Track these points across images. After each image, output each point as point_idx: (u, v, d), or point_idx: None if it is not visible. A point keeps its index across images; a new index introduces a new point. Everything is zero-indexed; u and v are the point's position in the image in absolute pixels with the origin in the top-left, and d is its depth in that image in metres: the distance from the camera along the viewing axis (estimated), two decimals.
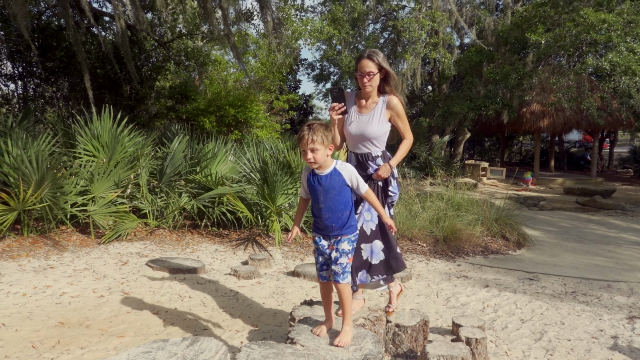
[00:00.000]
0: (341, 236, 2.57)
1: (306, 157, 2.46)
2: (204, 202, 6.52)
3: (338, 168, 2.56)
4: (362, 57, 3.08)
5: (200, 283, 4.69)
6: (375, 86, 3.12)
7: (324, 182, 2.53)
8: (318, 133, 2.42)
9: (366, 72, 3.03)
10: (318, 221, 2.63)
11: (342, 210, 2.55)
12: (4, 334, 3.27)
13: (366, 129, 3.11)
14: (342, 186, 2.55)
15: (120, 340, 3.30)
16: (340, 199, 2.54)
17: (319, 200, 2.56)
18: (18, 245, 5.39)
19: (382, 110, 3.14)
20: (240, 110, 10.40)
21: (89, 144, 6.57)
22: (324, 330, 2.64)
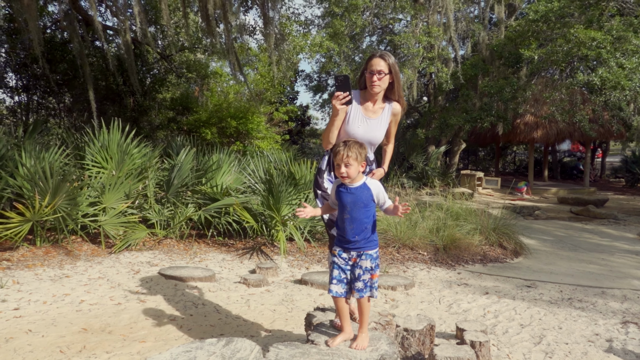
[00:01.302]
0: (363, 251, 2.64)
1: (339, 170, 2.57)
2: (210, 213, 6.70)
3: (367, 183, 2.68)
4: (374, 56, 2.95)
5: (212, 291, 4.86)
6: (384, 88, 2.98)
7: (354, 193, 2.64)
8: (353, 150, 2.54)
9: (377, 71, 2.89)
10: (341, 233, 2.70)
11: (367, 223, 2.65)
12: (32, 340, 3.43)
13: (376, 135, 3.04)
14: (369, 200, 2.66)
15: (142, 345, 3.46)
16: (365, 211, 2.64)
17: (345, 210, 2.65)
18: (32, 255, 5.54)
19: (387, 117, 3.07)
20: (241, 122, 10.61)
21: (98, 155, 6.74)
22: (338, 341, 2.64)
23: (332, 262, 2.72)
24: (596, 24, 8.88)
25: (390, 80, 2.97)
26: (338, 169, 2.58)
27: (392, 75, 2.96)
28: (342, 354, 2.32)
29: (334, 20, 12.44)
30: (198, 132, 11.27)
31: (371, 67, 2.90)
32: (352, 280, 2.65)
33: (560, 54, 9.03)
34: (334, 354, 2.30)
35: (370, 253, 2.65)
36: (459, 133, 15.41)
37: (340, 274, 2.67)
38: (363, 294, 2.62)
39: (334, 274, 2.67)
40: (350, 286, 2.68)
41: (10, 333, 3.52)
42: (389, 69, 2.92)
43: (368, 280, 2.63)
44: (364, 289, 2.61)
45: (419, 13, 13.07)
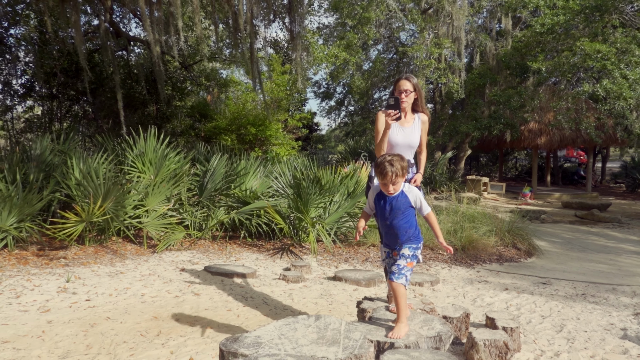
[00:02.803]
0: (403, 244, 2.92)
1: (388, 189, 2.79)
2: (242, 215, 7.13)
3: (405, 191, 2.88)
4: (401, 79, 3.70)
5: (255, 286, 5.28)
6: (411, 102, 3.72)
7: (392, 202, 2.84)
8: (397, 166, 2.74)
9: (404, 90, 3.64)
10: (384, 237, 3.01)
11: (407, 229, 2.86)
12: (113, 325, 3.85)
13: (412, 139, 3.70)
14: (407, 207, 2.85)
15: (209, 331, 3.88)
16: (405, 218, 2.84)
17: (386, 218, 2.86)
18: (83, 254, 5.96)
19: (419, 125, 3.77)
20: (260, 129, 11.06)
21: (137, 161, 7.18)
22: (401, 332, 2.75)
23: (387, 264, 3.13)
24: (601, 36, 9.37)
25: (415, 96, 3.72)
26: (386, 188, 2.83)
27: (417, 92, 3.72)
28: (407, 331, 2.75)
29: (347, 33, 12.96)
30: (217, 138, 11.71)
31: (400, 88, 3.66)
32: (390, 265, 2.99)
33: (566, 65, 9.52)
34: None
35: (411, 245, 2.91)
36: (466, 140, 15.88)
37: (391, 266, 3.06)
38: (395, 278, 2.79)
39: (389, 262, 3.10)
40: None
41: (92, 320, 3.94)
42: (414, 87, 3.68)
43: (403, 267, 2.82)
44: (397, 273, 2.80)
45: (428, 24, 13.60)
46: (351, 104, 21.69)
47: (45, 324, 3.78)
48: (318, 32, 13.97)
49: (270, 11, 8.80)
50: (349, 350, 2.23)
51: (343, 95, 21.42)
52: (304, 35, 8.81)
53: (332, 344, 2.30)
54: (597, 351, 3.89)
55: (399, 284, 2.80)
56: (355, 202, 7.45)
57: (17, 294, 4.44)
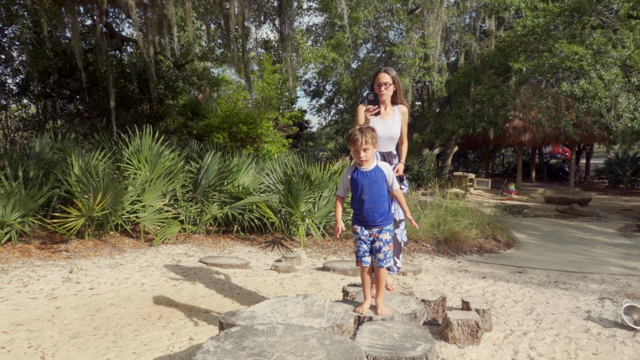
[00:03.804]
0: (382, 227, 3.02)
1: (359, 155, 2.95)
2: (235, 210, 7.44)
3: (379, 165, 3.07)
4: (380, 71, 3.81)
5: (249, 276, 5.60)
6: (390, 95, 3.82)
7: (369, 176, 2.99)
8: (368, 135, 2.93)
9: (383, 83, 3.74)
10: (359, 213, 3.05)
11: (383, 201, 3.01)
12: (117, 310, 4.16)
13: (392, 131, 3.81)
14: (383, 181, 3.02)
15: (207, 315, 4.20)
16: (381, 191, 3.01)
17: (364, 192, 2.98)
18: (83, 247, 6.24)
19: (398, 116, 3.88)
20: (252, 127, 11.36)
21: (133, 158, 7.45)
22: (365, 308, 3.03)
23: (357, 240, 3.10)
24: (579, 38, 9.79)
25: (394, 88, 3.87)
26: (357, 154, 2.97)
27: (395, 84, 3.86)
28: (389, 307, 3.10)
29: (337, 33, 13.30)
30: (209, 136, 11.98)
31: (379, 80, 3.77)
32: (374, 252, 3.06)
33: (546, 66, 9.93)
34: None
35: (388, 227, 3.05)
36: (452, 137, 16.31)
37: (367, 248, 3.08)
38: (384, 264, 3.03)
39: (362, 248, 3.08)
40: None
41: (97, 306, 4.24)
42: (392, 80, 3.80)
43: (387, 252, 3.04)
44: (384, 259, 3.04)
45: (414, 25, 13.97)
46: (341, 102, 22.03)
47: (54, 309, 4.08)
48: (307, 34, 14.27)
49: (260, 13, 9.10)
50: (332, 321, 2.57)
51: (333, 93, 21.76)
52: (294, 37, 9.13)
53: (317, 316, 2.64)
54: (562, 330, 4.27)
55: (385, 269, 3.07)
56: None
57: (24, 283, 4.73)
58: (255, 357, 2.04)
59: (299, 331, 2.32)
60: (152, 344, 3.48)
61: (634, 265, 7.02)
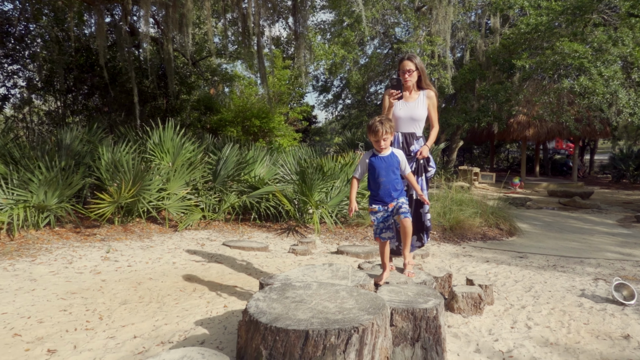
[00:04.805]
0: (397, 199, 3.44)
1: (380, 144, 3.36)
2: (253, 199, 7.90)
3: (394, 151, 3.47)
4: (404, 59, 4.04)
5: (269, 257, 6.07)
6: (414, 81, 4.05)
7: (386, 160, 3.38)
8: (387, 126, 3.33)
9: (406, 70, 3.98)
10: (377, 193, 3.44)
11: (397, 182, 3.42)
12: (155, 284, 4.63)
13: (414, 112, 4.03)
14: (397, 165, 3.43)
15: (236, 288, 4.67)
16: (397, 173, 3.42)
17: (380, 175, 3.36)
18: (114, 232, 6.72)
19: (423, 100, 4.10)
20: (264, 121, 11.81)
21: (157, 150, 7.92)
22: (384, 278, 3.42)
23: (374, 219, 3.49)
24: (580, 36, 10.17)
25: (418, 74, 4.13)
26: (378, 144, 3.37)
27: (419, 70, 4.13)
28: (401, 276, 3.55)
29: (345, 31, 13.72)
30: (223, 130, 12.44)
31: (403, 68, 4.03)
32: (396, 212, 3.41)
33: (548, 63, 10.32)
34: (394, 274, 3.53)
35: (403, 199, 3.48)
36: (457, 131, 16.71)
37: (385, 223, 3.48)
38: (408, 214, 3.39)
39: (380, 226, 3.48)
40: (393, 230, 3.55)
41: (137, 279, 4.72)
42: (416, 66, 4.05)
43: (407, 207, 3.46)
44: (407, 212, 3.41)
45: (421, 22, 14.37)
46: (348, 98, 22.44)
47: (101, 282, 4.56)
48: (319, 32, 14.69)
49: (275, 12, 9.52)
50: (356, 282, 3.02)
51: (340, 89, 22.17)
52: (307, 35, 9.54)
53: (342, 279, 3.10)
54: (557, 305, 4.70)
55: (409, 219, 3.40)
56: None
57: (68, 261, 5.21)
58: (298, 303, 2.50)
59: (330, 287, 2.77)
60: (191, 309, 3.95)
61: (629, 252, 7.43)
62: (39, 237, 5.93)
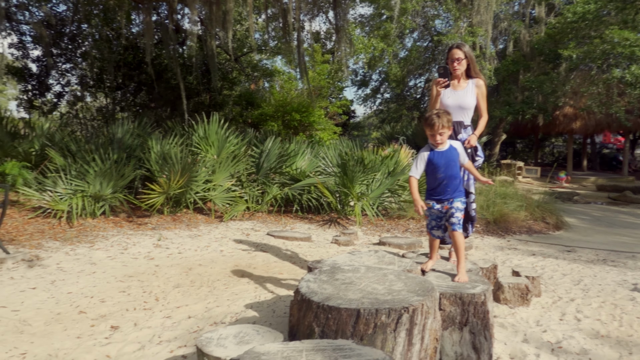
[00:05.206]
0: (453, 198, 3.22)
1: (435, 139, 3.17)
2: (295, 191, 8.04)
3: (453, 144, 3.25)
4: (453, 47, 3.97)
5: (312, 247, 6.18)
6: (463, 70, 3.97)
7: (445, 156, 3.19)
8: (444, 119, 3.13)
9: (455, 58, 3.91)
10: (434, 189, 3.27)
11: (457, 177, 3.23)
12: (205, 270, 4.82)
13: (462, 101, 3.95)
14: (457, 158, 3.24)
15: (281, 275, 4.79)
16: (456, 168, 3.22)
17: (439, 171, 3.17)
18: (163, 221, 7.00)
19: (472, 88, 4.01)
20: (304, 115, 11.94)
21: (202, 143, 8.17)
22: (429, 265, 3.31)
23: (429, 215, 3.35)
24: (631, 23, 9.72)
25: (467, 63, 4.05)
26: (434, 138, 3.18)
27: (468, 59, 4.04)
28: (448, 263, 3.57)
29: (384, 23, 13.65)
30: (264, 124, 12.66)
31: (452, 56, 3.97)
32: (447, 219, 3.25)
33: (597, 52, 9.93)
34: (440, 262, 3.55)
35: (460, 198, 3.27)
36: (500, 124, 16.33)
37: (438, 222, 3.36)
38: (457, 227, 3.20)
39: (433, 224, 3.37)
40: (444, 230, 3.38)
41: (188, 265, 4.92)
42: (465, 55, 3.97)
43: (460, 219, 3.22)
44: (457, 223, 3.21)
45: (462, 14, 14.11)
46: (387, 92, 22.31)
47: (154, 267, 4.79)
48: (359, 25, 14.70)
49: (315, 6, 9.60)
50: (402, 267, 3.07)
51: (379, 83, 22.07)
52: (347, 28, 9.57)
53: (389, 264, 3.15)
54: (608, 298, 4.59)
55: (460, 233, 3.18)
56: (395, 180, 8.24)
57: (124, 247, 5.49)
58: (348, 285, 2.58)
59: (378, 270, 2.84)
60: (241, 294, 4.10)
61: None
62: (95, 224, 6.27)
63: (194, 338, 3.12)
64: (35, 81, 11.78)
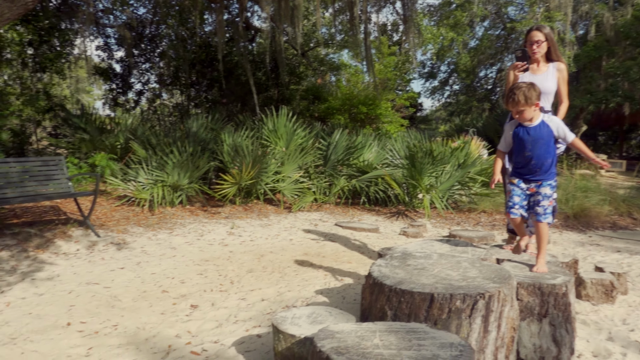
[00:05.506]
0: (542, 181, 2.88)
1: (515, 116, 2.93)
2: (362, 183, 8.04)
3: (545, 120, 2.89)
4: (532, 29, 3.77)
5: (380, 238, 6.16)
6: (543, 52, 3.77)
7: (532, 133, 2.87)
8: (521, 97, 2.78)
9: (535, 41, 3.72)
10: (521, 168, 2.97)
11: (547, 158, 2.87)
12: (277, 257, 4.96)
13: (543, 85, 3.65)
14: (549, 136, 2.87)
15: (350, 264, 4.83)
16: (546, 147, 2.86)
17: (526, 149, 2.88)
18: (235, 211, 7.28)
19: (553, 72, 3.82)
20: (371, 108, 11.89)
21: (272, 136, 8.38)
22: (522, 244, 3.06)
23: (512, 190, 2.99)
24: None
25: (548, 45, 3.84)
26: (514, 115, 2.95)
27: (549, 41, 3.83)
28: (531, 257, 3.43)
29: (455, 12, 13.24)
30: (330, 118, 12.75)
31: (531, 39, 3.77)
32: (531, 206, 2.94)
33: None
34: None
35: (549, 182, 2.91)
36: (580, 115, 15.32)
37: (521, 201, 2.98)
38: (542, 218, 2.89)
39: (514, 200, 2.97)
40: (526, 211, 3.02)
41: (259, 252, 5.09)
42: (545, 37, 3.77)
43: (547, 207, 2.90)
44: (543, 214, 2.89)
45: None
46: (456, 83, 21.64)
47: (228, 253, 5.00)
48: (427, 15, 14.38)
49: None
50: (477, 255, 2.99)
51: (447, 74, 21.46)
52: (415, 18, 9.38)
53: (462, 252, 3.08)
54: None
55: (544, 224, 2.90)
56: (465, 172, 8.00)
57: (200, 234, 5.78)
58: (420, 270, 2.56)
59: (452, 257, 2.79)
60: (310, 280, 4.18)
61: None
62: (174, 213, 6.64)
63: (268, 319, 3.24)
64: (119, 80, 12.63)
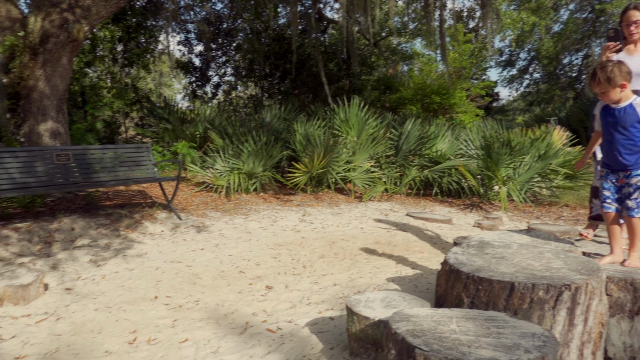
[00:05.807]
0: (631, 171, 2.59)
1: (600, 97, 2.66)
2: (434, 173, 7.87)
3: (634, 103, 2.56)
4: (629, 9, 3.52)
5: (453, 230, 6.01)
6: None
7: (616, 114, 2.59)
8: (602, 77, 2.53)
9: (632, 21, 3.47)
10: (605, 155, 2.72)
11: (632, 144, 2.56)
12: (348, 244, 5.00)
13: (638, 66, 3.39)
14: (634, 122, 2.55)
15: (421, 255, 4.76)
16: (629, 134, 2.56)
17: (610, 132, 2.64)
18: (307, 199, 7.41)
19: None
20: (445, 98, 11.56)
21: (343, 126, 8.42)
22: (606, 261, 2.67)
23: (602, 183, 2.77)
24: None
25: None
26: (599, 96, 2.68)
27: None
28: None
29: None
30: (402, 108, 12.56)
31: (628, 19, 3.51)
32: (622, 199, 2.66)
33: None
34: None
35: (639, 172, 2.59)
36: None
37: (612, 194, 2.71)
38: (634, 213, 2.60)
39: (605, 194, 2.73)
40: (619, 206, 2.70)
41: (331, 239, 5.16)
42: None
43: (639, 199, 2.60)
44: (636, 208, 2.60)
45: None
46: (537, 71, 20.45)
47: (300, 239, 5.12)
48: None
49: None
50: (561, 247, 2.84)
51: (527, 62, 20.33)
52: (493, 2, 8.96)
53: (545, 244, 2.94)
54: None
55: (638, 219, 2.62)
56: (546, 164, 7.58)
57: (273, 220, 5.95)
58: (499, 259, 2.48)
59: (533, 248, 2.67)
60: (382, 268, 4.18)
61: None
62: (249, 199, 6.89)
63: (340, 302, 3.28)
64: (198, 73, 13.24)
